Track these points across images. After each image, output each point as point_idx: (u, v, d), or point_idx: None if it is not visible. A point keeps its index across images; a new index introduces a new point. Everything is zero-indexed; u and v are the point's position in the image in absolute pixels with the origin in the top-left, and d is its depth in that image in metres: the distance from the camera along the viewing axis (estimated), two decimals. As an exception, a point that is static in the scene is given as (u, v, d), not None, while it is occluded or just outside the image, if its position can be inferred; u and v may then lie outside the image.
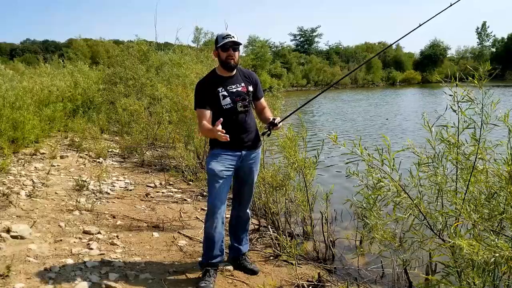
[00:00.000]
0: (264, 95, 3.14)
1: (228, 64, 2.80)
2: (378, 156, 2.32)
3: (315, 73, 54.71)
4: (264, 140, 3.53)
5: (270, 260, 3.40)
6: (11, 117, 6.37)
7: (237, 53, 2.82)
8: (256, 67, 39.95)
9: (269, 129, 2.88)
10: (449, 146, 2.41)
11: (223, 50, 2.78)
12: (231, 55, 2.78)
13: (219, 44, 2.78)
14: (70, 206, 4.30)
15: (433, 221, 2.30)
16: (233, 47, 2.78)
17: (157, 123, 7.75)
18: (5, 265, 2.76)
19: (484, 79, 2.23)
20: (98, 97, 10.75)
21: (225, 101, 2.80)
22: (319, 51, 66.54)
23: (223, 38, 2.76)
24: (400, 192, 2.28)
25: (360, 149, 2.32)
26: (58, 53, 35.40)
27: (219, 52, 2.81)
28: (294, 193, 3.96)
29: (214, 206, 2.79)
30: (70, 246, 3.30)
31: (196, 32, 30.65)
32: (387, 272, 3.35)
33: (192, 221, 4.23)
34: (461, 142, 2.40)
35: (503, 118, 2.28)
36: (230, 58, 2.78)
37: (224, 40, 2.75)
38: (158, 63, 11.74)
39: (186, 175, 6.01)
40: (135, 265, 3.09)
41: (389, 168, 2.32)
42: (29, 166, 5.73)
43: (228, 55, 2.77)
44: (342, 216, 4.65)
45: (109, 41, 39.12)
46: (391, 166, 2.32)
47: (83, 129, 8.47)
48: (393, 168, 2.32)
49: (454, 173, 2.48)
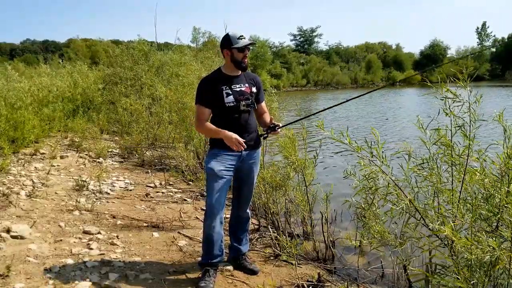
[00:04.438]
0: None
1: (243, 64, 2.84)
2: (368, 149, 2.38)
3: (314, 73, 54.69)
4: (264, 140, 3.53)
5: (270, 260, 3.40)
6: (11, 117, 6.37)
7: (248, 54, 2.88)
8: (256, 67, 39.97)
9: (267, 133, 2.93)
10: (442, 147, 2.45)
11: (240, 51, 2.80)
12: (246, 55, 2.83)
13: (234, 45, 2.78)
14: (70, 206, 4.30)
15: (429, 220, 2.32)
16: (248, 48, 2.83)
17: (157, 123, 7.75)
18: (5, 265, 2.76)
19: (469, 79, 2.30)
20: (98, 97, 10.75)
21: (228, 99, 2.81)
22: (319, 51, 66.56)
23: (238, 39, 2.78)
24: (391, 185, 2.31)
25: (348, 139, 2.39)
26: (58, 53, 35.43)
27: (233, 52, 2.81)
28: (294, 193, 3.96)
29: (213, 206, 2.80)
30: (70, 246, 3.31)
31: (194, 32, 30.70)
32: (387, 272, 3.35)
33: (192, 221, 4.23)
34: (453, 142, 2.44)
35: (497, 118, 2.31)
36: (245, 58, 2.84)
37: (240, 41, 2.78)
38: (158, 63, 11.73)
39: (186, 175, 6.01)
40: (135, 265, 3.09)
41: (379, 160, 2.37)
42: (29, 166, 5.73)
43: (244, 55, 2.82)
44: (342, 216, 4.65)
45: (108, 41, 39.12)
46: (381, 158, 2.37)
47: (83, 129, 8.47)
48: (382, 161, 2.36)
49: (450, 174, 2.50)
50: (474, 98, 2.31)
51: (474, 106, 2.32)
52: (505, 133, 2.30)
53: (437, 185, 2.43)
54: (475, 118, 2.32)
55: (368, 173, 2.41)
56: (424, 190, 2.51)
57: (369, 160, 2.40)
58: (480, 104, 2.31)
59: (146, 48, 12.26)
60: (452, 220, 2.22)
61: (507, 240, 2.08)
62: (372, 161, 2.40)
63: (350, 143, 2.44)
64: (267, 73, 44.29)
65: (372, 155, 2.41)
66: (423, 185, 2.50)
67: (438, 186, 2.43)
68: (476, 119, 2.32)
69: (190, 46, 17.10)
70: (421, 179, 2.50)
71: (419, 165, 2.50)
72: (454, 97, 2.34)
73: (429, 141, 2.49)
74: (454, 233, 1.93)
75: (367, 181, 2.44)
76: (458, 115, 2.37)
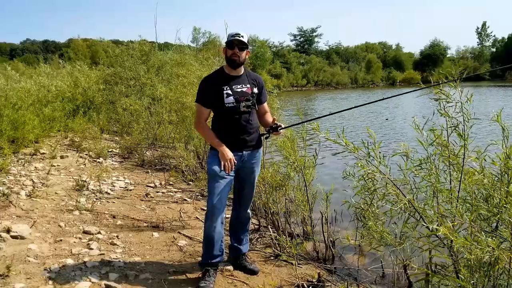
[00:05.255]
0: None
1: (233, 61, 2.83)
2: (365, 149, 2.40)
3: (314, 73, 54.71)
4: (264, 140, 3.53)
5: (270, 260, 3.40)
6: (11, 117, 6.37)
7: (244, 53, 2.85)
8: (256, 67, 39.95)
9: (269, 133, 2.94)
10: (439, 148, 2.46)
11: (229, 48, 2.82)
12: (236, 53, 2.81)
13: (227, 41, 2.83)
14: (70, 206, 4.30)
15: (428, 220, 2.33)
16: (239, 46, 2.81)
17: (157, 123, 7.75)
18: (5, 265, 2.76)
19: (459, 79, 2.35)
20: (98, 97, 10.75)
21: (228, 100, 2.81)
22: (319, 51, 66.57)
23: (231, 36, 2.80)
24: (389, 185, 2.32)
25: (344, 140, 2.39)
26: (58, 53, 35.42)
27: (226, 49, 2.85)
28: (294, 193, 3.96)
29: (214, 206, 2.80)
30: (70, 246, 3.31)
31: (194, 32, 30.72)
32: (387, 272, 3.35)
33: (192, 221, 4.23)
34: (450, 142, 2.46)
35: (495, 118, 2.33)
36: (235, 56, 2.82)
37: (231, 39, 2.79)
38: (159, 63, 11.74)
39: (186, 175, 6.01)
40: (135, 265, 3.09)
41: (376, 160, 2.38)
42: (29, 166, 5.73)
43: (232, 53, 2.81)
44: (342, 216, 4.65)
45: (108, 41, 39.15)
46: (378, 159, 2.38)
47: (83, 129, 8.47)
48: (380, 162, 2.37)
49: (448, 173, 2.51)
50: (465, 97, 2.33)
51: (466, 105, 2.36)
52: (503, 133, 2.30)
53: (436, 185, 2.43)
54: (468, 117, 2.35)
55: (365, 173, 2.41)
56: (423, 190, 2.51)
57: (366, 161, 2.41)
58: (476, 103, 2.34)
59: (147, 49, 12.26)
60: (451, 220, 2.22)
61: (506, 240, 2.09)
62: (369, 161, 2.41)
63: (346, 144, 2.44)
64: (266, 73, 44.30)
65: (369, 156, 2.41)
66: (422, 185, 2.51)
67: (436, 186, 2.44)
68: (469, 118, 2.35)
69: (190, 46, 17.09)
70: (419, 179, 2.51)
71: (417, 166, 2.51)
72: (446, 97, 2.36)
73: (425, 142, 2.50)
74: (452, 233, 1.93)
75: (365, 181, 2.45)
76: (452, 115, 2.39)
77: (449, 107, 2.39)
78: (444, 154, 2.43)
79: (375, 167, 2.38)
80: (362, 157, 2.43)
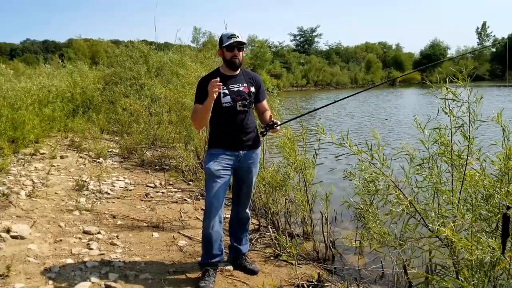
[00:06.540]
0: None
1: (233, 63, 2.83)
2: (369, 151, 2.38)
3: (314, 73, 54.71)
4: (264, 140, 3.53)
5: (270, 260, 3.40)
6: (11, 117, 6.37)
7: (242, 53, 2.85)
8: (256, 67, 39.95)
9: (266, 130, 2.90)
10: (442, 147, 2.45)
11: (228, 50, 2.81)
12: (236, 55, 2.81)
13: (224, 44, 2.80)
14: (70, 206, 4.30)
15: (429, 220, 2.32)
16: (238, 47, 2.80)
17: (157, 123, 7.75)
18: (5, 265, 2.76)
19: (469, 79, 2.29)
20: (98, 97, 10.75)
21: (225, 99, 2.81)
22: (319, 51, 66.58)
23: (228, 38, 2.78)
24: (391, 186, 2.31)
25: (348, 142, 2.38)
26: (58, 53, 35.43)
27: (224, 51, 2.83)
28: (294, 193, 3.96)
29: (211, 205, 2.80)
30: (70, 246, 3.31)
31: (194, 32, 30.72)
32: (387, 272, 3.35)
33: (192, 221, 4.23)
34: (453, 142, 2.44)
35: (495, 118, 2.31)
36: (235, 57, 2.81)
37: (229, 40, 2.77)
38: (158, 64, 11.72)
39: (186, 175, 6.01)
40: (135, 265, 3.09)
41: (379, 163, 2.36)
42: (29, 166, 5.73)
43: (233, 55, 2.81)
44: (342, 216, 4.65)
45: (108, 41, 39.16)
46: (381, 161, 2.36)
47: (83, 129, 8.46)
48: (383, 164, 2.36)
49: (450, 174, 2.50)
50: (474, 98, 2.30)
51: (474, 106, 2.31)
52: (504, 133, 2.30)
53: (437, 185, 2.43)
54: (475, 118, 2.31)
55: (369, 175, 2.40)
56: (424, 190, 2.50)
57: (369, 163, 2.39)
58: (481, 104, 2.30)
59: (146, 50, 12.24)
60: (452, 220, 2.22)
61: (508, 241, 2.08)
62: (372, 163, 2.39)
63: (350, 146, 2.42)
64: (266, 73, 44.29)
65: (372, 158, 2.39)
66: (423, 185, 2.50)
67: (438, 187, 2.43)
68: (475, 119, 2.31)
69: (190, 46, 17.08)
70: (420, 179, 2.50)
71: (419, 165, 2.50)
72: (454, 96, 2.33)
73: (427, 141, 2.48)
74: (454, 233, 1.93)
75: (368, 183, 2.44)
76: (457, 115, 2.36)
77: (454, 107, 2.36)
78: (447, 155, 2.41)
79: (378, 169, 2.36)
80: (365, 159, 2.41)
